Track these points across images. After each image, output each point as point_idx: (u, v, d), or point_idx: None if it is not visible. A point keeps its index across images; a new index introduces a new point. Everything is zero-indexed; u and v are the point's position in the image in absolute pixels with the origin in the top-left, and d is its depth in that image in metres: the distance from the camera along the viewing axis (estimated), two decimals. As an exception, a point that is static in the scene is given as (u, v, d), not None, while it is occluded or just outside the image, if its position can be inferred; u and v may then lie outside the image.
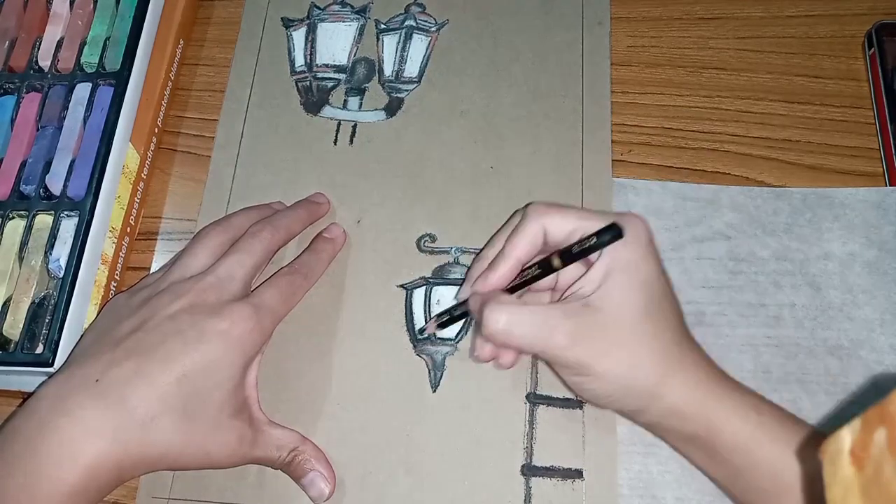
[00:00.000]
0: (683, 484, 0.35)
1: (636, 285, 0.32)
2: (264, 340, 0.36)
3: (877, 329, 0.38)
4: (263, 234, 0.37)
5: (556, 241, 0.33)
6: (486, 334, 0.32)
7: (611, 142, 0.43)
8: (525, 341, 0.32)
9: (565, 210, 0.34)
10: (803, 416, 0.36)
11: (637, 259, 0.32)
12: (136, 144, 0.43)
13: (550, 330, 0.31)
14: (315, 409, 0.38)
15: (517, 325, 0.32)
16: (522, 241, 0.33)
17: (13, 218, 0.41)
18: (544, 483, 0.36)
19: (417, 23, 0.47)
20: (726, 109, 0.44)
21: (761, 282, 0.39)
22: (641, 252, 0.32)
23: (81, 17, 0.45)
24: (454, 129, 0.44)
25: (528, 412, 0.37)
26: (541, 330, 0.31)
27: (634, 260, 0.32)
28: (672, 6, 0.47)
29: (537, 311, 0.32)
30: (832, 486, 0.19)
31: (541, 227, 0.33)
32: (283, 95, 0.46)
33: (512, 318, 0.32)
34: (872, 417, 0.18)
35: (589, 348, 0.31)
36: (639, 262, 0.32)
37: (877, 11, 0.46)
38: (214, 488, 0.37)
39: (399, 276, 0.41)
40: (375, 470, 0.37)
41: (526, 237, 0.33)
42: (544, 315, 0.31)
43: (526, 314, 0.32)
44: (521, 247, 0.33)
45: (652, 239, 0.33)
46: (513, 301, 0.33)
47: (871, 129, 0.43)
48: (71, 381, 0.32)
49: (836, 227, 0.40)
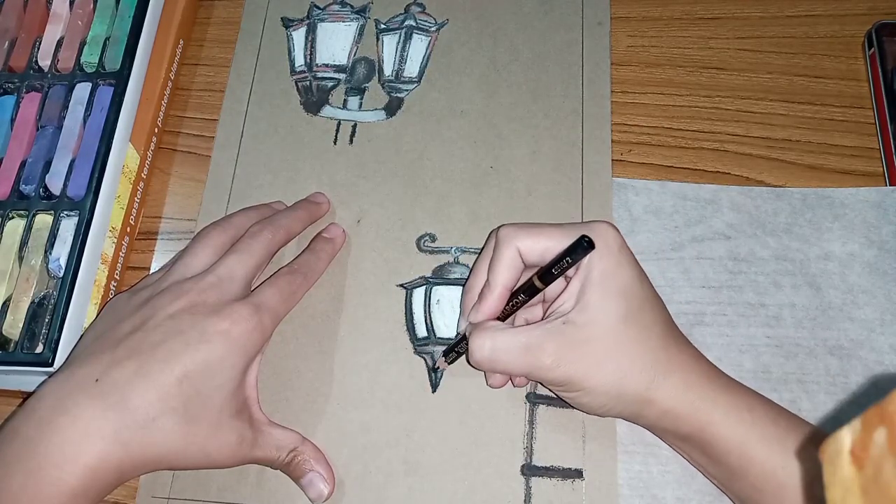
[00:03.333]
0: (684, 484, 0.35)
1: (613, 294, 0.32)
2: (264, 340, 0.36)
3: (877, 329, 0.38)
4: (264, 234, 0.38)
5: (533, 261, 0.34)
6: (474, 363, 0.33)
7: (611, 142, 0.43)
8: (511, 366, 0.33)
9: (534, 229, 0.34)
10: (803, 416, 0.36)
11: (611, 267, 0.32)
12: (136, 144, 0.43)
13: (535, 352, 0.32)
14: (314, 409, 0.38)
15: (502, 352, 0.32)
16: (502, 267, 0.34)
17: (13, 218, 0.41)
18: (544, 483, 0.36)
19: (417, 23, 0.47)
20: (726, 109, 0.44)
21: (761, 282, 0.39)
22: (614, 259, 0.32)
23: (81, 17, 0.45)
24: (454, 129, 0.44)
25: (528, 412, 0.37)
26: (525, 353, 0.32)
27: (608, 269, 0.32)
28: (672, 6, 0.47)
29: (519, 335, 0.32)
30: (832, 486, 0.19)
31: (515, 251, 0.34)
32: (282, 95, 0.46)
33: (496, 345, 0.32)
34: (872, 417, 0.18)
35: (575, 365, 0.31)
36: (613, 270, 0.32)
37: (877, 11, 0.46)
38: (214, 488, 0.37)
39: (399, 275, 0.41)
40: (375, 470, 0.37)
41: (504, 263, 0.34)
42: (527, 338, 0.32)
43: (508, 338, 0.32)
44: (503, 273, 0.34)
45: (624, 244, 0.33)
46: (496, 326, 0.33)
47: (871, 129, 0.43)
48: (71, 380, 0.32)
49: (836, 227, 0.40)
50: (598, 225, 0.33)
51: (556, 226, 0.34)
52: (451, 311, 0.40)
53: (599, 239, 0.32)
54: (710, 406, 0.31)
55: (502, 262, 0.34)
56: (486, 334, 0.33)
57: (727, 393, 0.32)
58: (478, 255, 0.38)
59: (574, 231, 0.32)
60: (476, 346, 0.33)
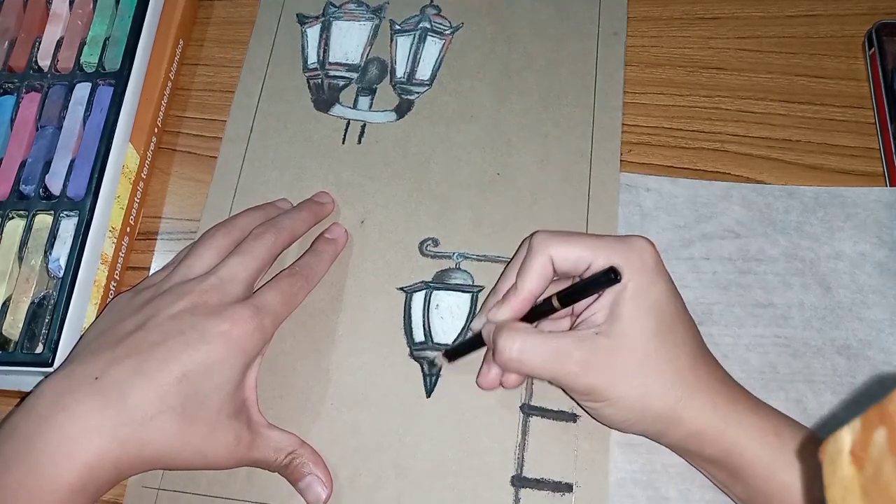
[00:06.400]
0: (687, 479, 0.35)
1: (645, 310, 0.31)
2: (265, 342, 0.36)
3: (886, 329, 0.38)
4: (267, 236, 0.38)
5: (565, 270, 0.34)
6: (500, 362, 0.33)
7: (619, 154, 0.42)
8: (537, 369, 0.32)
9: (570, 238, 0.33)
10: (809, 415, 0.36)
11: (645, 283, 0.32)
12: (136, 144, 0.43)
13: (562, 358, 0.31)
14: (308, 408, 0.38)
15: (529, 353, 0.32)
16: (532, 274, 0.33)
17: (13, 218, 0.41)
18: (534, 495, 0.35)
19: (432, 25, 0.47)
20: (726, 109, 0.44)
21: (770, 280, 0.39)
22: (649, 276, 0.32)
23: (81, 17, 0.45)
24: (463, 134, 0.44)
25: (522, 422, 0.37)
26: (553, 358, 0.32)
27: (643, 284, 0.32)
28: (672, 6, 0.47)
29: (550, 339, 0.32)
30: (832, 486, 0.19)
31: (548, 258, 0.33)
32: (294, 92, 0.46)
33: (525, 346, 0.32)
34: (872, 417, 0.18)
35: (601, 375, 0.31)
36: (647, 287, 0.32)
37: (877, 11, 0.46)
38: (204, 482, 0.37)
39: (400, 278, 0.41)
40: (366, 472, 0.36)
41: (535, 270, 0.33)
42: (556, 343, 0.32)
43: (539, 342, 0.32)
44: (532, 280, 0.33)
45: (659, 261, 0.33)
46: (526, 328, 0.33)
47: (871, 129, 0.43)
48: (71, 378, 0.32)
49: (847, 227, 0.40)
50: (635, 240, 0.33)
51: (592, 237, 0.34)
52: (449, 316, 0.39)
53: (635, 254, 0.32)
54: (736, 429, 0.31)
55: (533, 269, 0.33)
56: (515, 335, 0.32)
57: (754, 415, 0.32)
58: (509, 260, 0.37)
59: (610, 245, 0.32)
60: (505, 346, 0.32)
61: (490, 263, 0.40)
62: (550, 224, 0.41)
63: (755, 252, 0.40)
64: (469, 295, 0.40)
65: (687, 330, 0.33)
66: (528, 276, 0.34)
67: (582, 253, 0.33)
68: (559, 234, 0.34)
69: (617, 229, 0.40)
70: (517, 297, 0.34)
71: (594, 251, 0.32)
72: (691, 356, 0.32)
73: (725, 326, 0.39)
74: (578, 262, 0.33)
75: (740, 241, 0.40)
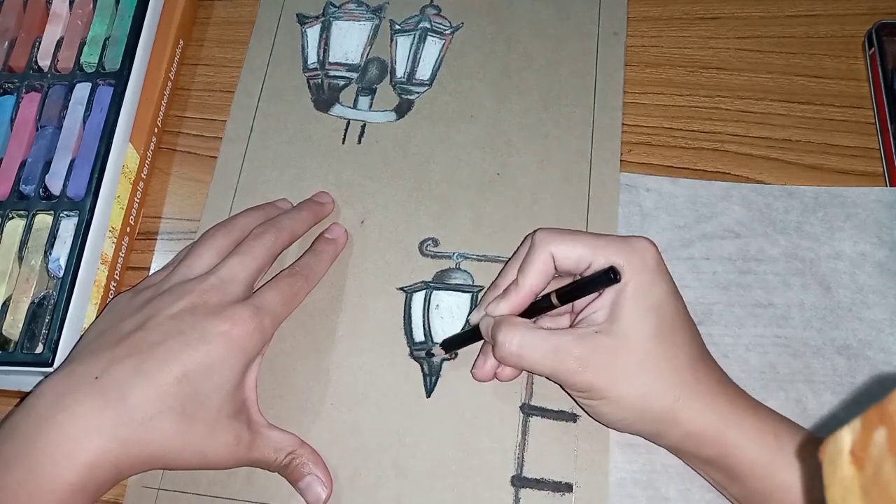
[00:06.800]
0: (686, 479, 0.35)
1: (645, 310, 0.31)
2: (265, 342, 0.36)
3: (886, 329, 0.38)
4: (267, 236, 0.38)
5: (566, 268, 0.34)
6: (499, 356, 0.33)
7: (619, 154, 0.42)
8: (536, 364, 0.32)
9: (572, 236, 0.33)
10: (808, 415, 0.36)
11: (646, 283, 0.32)
12: (136, 144, 0.43)
13: (562, 355, 0.31)
14: (308, 408, 0.38)
15: (529, 349, 0.32)
16: (533, 271, 0.34)
17: (13, 218, 0.41)
18: (533, 495, 0.35)
19: (432, 25, 0.47)
20: (726, 109, 0.44)
21: (770, 280, 0.39)
22: (650, 276, 0.32)
23: (81, 17, 0.45)
24: (463, 134, 0.44)
25: (522, 422, 0.37)
26: (552, 354, 0.32)
27: (644, 284, 0.32)
28: (672, 6, 0.47)
29: (549, 336, 0.32)
30: (832, 486, 0.19)
31: (549, 255, 0.33)
32: (294, 92, 0.46)
33: (524, 342, 0.32)
34: (872, 417, 0.18)
35: (600, 373, 0.31)
36: (648, 287, 0.32)
37: (877, 11, 0.46)
38: (204, 482, 0.37)
39: (400, 278, 0.41)
40: (365, 472, 0.36)
41: (536, 267, 0.34)
42: (556, 340, 0.32)
43: (538, 338, 0.32)
44: (533, 276, 0.34)
45: (661, 261, 0.33)
46: (526, 324, 0.33)
47: (871, 129, 0.43)
48: (71, 377, 0.32)
49: (847, 227, 0.40)
50: (637, 240, 0.33)
51: (594, 235, 0.34)
52: (449, 316, 0.39)
53: (637, 254, 0.32)
54: (734, 430, 0.31)
55: (534, 265, 0.33)
56: (515, 330, 0.32)
57: (752, 416, 0.32)
58: (510, 257, 0.37)
59: (612, 244, 0.32)
60: (505, 340, 0.32)
61: (490, 263, 0.40)
62: (550, 224, 0.41)
63: (755, 252, 0.40)
64: (469, 295, 0.40)
65: (687, 331, 0.33)
66: (530, 273, 0.34)
67: (583, 251, 0.33)
68: (562, 231, 0.34)
69: (617, 229, 0.40)
70: (517, 293, 0.34)
71: (596, 250, 0.33)
72: (691, 357, 0.32)
73: (725, 326, 0.39)
74: (580, 261, 0.33)
75: (740, 241, 0.40)
